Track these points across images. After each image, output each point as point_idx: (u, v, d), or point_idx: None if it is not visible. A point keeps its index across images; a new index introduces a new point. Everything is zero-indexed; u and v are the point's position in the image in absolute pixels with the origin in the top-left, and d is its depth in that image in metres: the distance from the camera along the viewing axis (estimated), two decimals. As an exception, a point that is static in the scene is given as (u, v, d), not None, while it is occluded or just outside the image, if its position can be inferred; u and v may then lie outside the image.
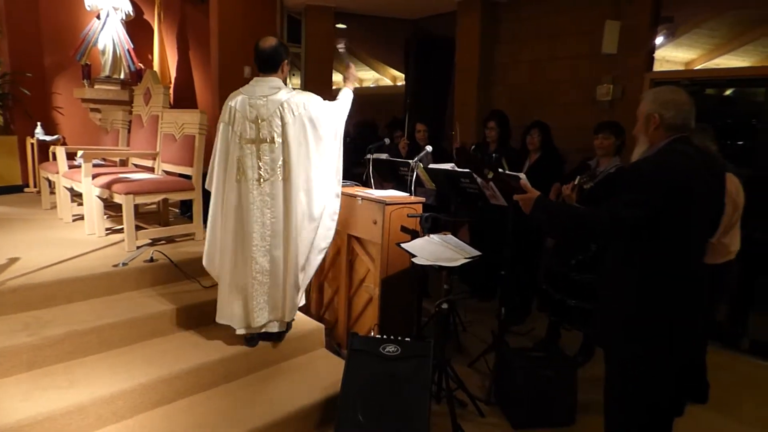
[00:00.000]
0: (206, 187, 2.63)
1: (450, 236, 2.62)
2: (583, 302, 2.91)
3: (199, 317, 2.77)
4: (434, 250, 2.49)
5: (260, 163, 2.42)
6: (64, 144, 5.15)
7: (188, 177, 3.52)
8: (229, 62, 5.47)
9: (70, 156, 3.93)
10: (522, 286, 3.67)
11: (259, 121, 2.41)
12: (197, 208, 3.50)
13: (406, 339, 2.36)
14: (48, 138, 5.18)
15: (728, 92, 4.15)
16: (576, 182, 2.81)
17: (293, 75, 7.56)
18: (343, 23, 6.69)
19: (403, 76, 9.21)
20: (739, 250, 2.72)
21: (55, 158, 4.06)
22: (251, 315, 2.50)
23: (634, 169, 1.66)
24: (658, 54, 4.20)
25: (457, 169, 3.01)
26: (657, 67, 4.16)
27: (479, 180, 2.88)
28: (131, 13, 5.60)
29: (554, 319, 3.21)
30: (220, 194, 2.52)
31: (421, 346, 2.32)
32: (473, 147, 4.19)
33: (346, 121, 2.76)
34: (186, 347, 2.53)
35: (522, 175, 2.51)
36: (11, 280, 2.54)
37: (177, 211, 4.26)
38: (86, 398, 2.05)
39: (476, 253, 2.47)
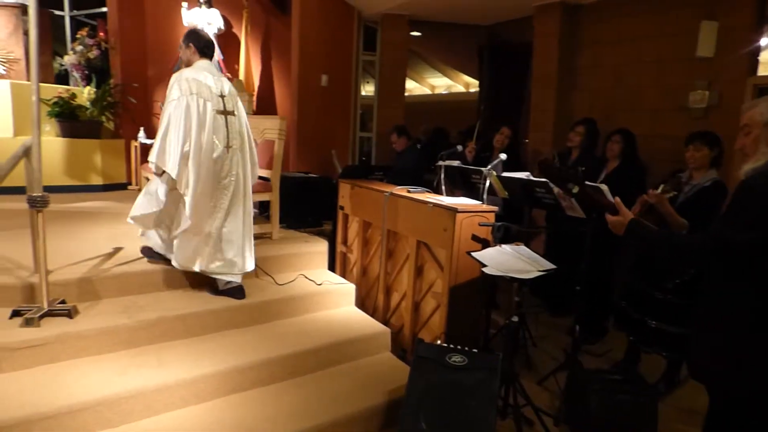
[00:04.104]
0: (158, 161, 2.59)
1: (523, 247, 2.55)
2: (667, 325, 2.70)
3: (271, 312, 2.91)
4: (506, 260, 2.43)
5: (228, 132, 2.74)
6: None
7: (267, 179, 3.71)
8: (308, 70, 5.71)
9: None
10: (598, 303, 3.48)
11: (224, 96, 2.76)
12: (275, 209, 3.69)
13: (474, 350, 2.32)
14: (149, 141, 5.69)
15: None
16: (659, 190, 2.62)
17: (367, 82, 7.74)
18: (417, 31, 6.75)
19: (475, 82, 9.13)
20: None
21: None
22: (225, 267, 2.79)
23: (746, 187, 1.48)
24: (764, 57, 3.82)
25: (532, 178, 2.93)
26: (763, 71, 3.79)
27: (556, 190, 2.79)
28: (222, 28, 6.02)
29: (632, 339, 3.01)
30: (197, 162, 2.61)
31: (489, 359, 2.27)
32: (555, 157, 4.06)
33: (417, 128, 2.92)
34: (260, 340, 2.66)
35: (604, 187, 2.40)
36: (115, 267, 2.83)
37: (256, 211, 4.49)
38: (172, 379, 2.23)
39: (550, 266, 2.38)
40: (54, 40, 6.15)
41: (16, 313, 2.37)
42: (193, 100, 2.63)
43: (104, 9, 6.14)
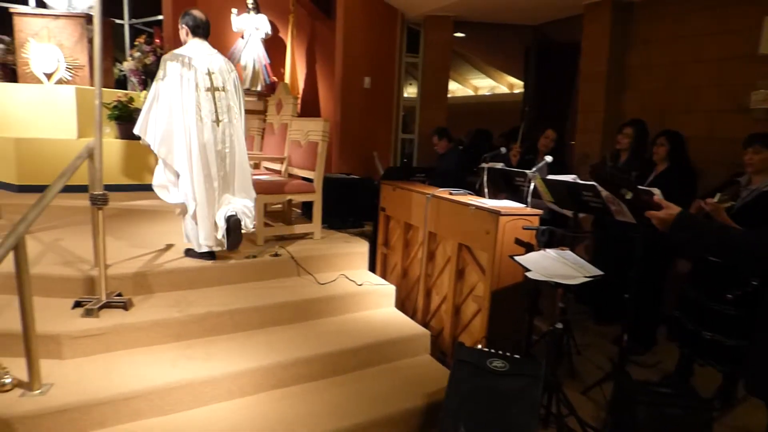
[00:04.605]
0: (140, 132, 2.87)
1: (568, 252, 2.47)
2: (723, 337, 2.56)
3: (313, 311, 2.97)
4: (550, 265, 2.38)
5: (216, 108, 2.88)
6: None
7: (310, 180, 3.79)
8: (351, 73, 5.77)
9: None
10: (647, 312, 3.34)
11: (212, 74, 2.92)
12: (317, 210, 3.75)
13: (515, 356, 2.28)
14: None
15: None
16: (716, 199, 2.49)
17: (410, 84, 7.75)
18: (461, 32, 6.70)
19: (519, 83, 8.96)
20: None
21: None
22: (217, 233, 2.98)
23: None
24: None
25: (579, 181, 2.85)
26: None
27: (604, 194, 2.70)
28: (270, 33, 6.18)
29: (685, 351, 2.87)
30: (184, 136, 2.83)
31: (532, 365, 2.23)
32: (607, 159, 3.93)
33: (459, 129, 2.92)
34: (301, 338, 2.72)
35: (656, 191, 2.29)
36: (167, 263, 2.97)
37: (298, 211, 4.58)
38: (219, 372, 2.32)
39: (598, 272, 2.31)
40: (114, 47, 6.51)
41: (77, 304, 2.53)
42: (177, 80, 2.82)
43: (160, 17, 6.46)
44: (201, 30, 2.99)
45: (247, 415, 2.23)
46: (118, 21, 6.65)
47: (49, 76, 5.05)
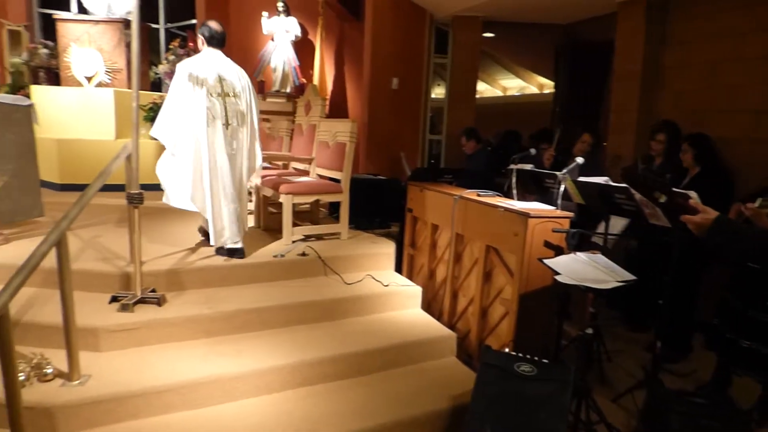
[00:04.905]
0: (155, 134, 3.04)
1: (599, 256, 2.42)
2: (762, 346, 2.45)
3: (339, 310, 2.99)
4: (581, 269, 2.33)
5: (226, 112, 3.03)
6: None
7: (337, 181, 3.82)
8: (379, 74, 5.80)
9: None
10: (682, 318, 3.23)
11: (223, 80, 3.07)
12: (344, 210, 3.78)
13: (544, 360, 2.24)
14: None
15: None
16: (756, 204, 2.39)
17: (438, 84, 7.72)
18: (490, 31, 6.64)
19: (550, 83, 8.80)
20: None
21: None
22: (229, 230, 3.11)
23: None
24: None
25: (611, 183, 2.78)
26: None
27: (638, 197, 2.63)
28: (299, 35, 6.27)
29: (723, 359, 2.76)
30: (196, 139, 2.99)
31: (561, 370, 2.18)
32: (639, 161, 3.83)
33: (487, 130, 2.91)
34: (328, 337, 2.74)
35: (693, 194, 2.22)
36: (199, 260, 3.06)
37: (325, 211, 4.63)
38: (248, 369, 2.36)
39: (630, 276, 2.24)
40: (150, 50, 6.73)
41: (114, 299, 2.63)
42: (190, 86, 2.98)
43: (194, 21, 6.63)
44: (215, 40, 3.14)
45: (273, 412, 2.26)
46: (154, 25, 6.87)
47: (89, 79, 5.25)
